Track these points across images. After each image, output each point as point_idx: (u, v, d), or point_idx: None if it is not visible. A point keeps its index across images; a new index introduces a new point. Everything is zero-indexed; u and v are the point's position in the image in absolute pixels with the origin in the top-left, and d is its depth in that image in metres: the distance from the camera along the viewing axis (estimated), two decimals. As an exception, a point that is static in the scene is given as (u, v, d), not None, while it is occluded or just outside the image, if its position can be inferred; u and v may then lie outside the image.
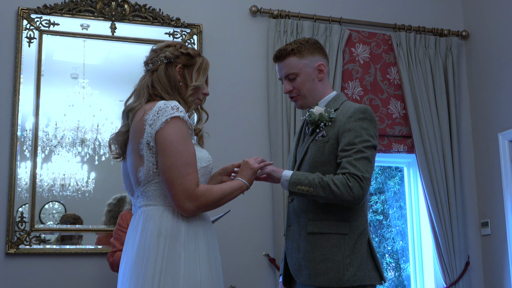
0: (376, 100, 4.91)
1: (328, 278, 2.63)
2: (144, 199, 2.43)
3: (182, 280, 2.30)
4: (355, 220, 2.71)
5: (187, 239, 2.36)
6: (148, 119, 2.37)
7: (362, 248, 2.69)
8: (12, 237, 4.00)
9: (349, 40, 4.93)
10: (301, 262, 2.72)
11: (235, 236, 4.41)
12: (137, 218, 2.43)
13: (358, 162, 2.62)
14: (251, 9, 4.76)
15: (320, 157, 2.73)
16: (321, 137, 2.75)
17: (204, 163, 2.48)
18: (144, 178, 2.40)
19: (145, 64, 2.59)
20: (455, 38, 5.19)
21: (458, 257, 4.78)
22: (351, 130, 2.68)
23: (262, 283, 4.42)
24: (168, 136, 2.34)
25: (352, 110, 2.73)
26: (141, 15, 4.50)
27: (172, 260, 2.31)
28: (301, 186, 2.64)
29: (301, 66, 2.84)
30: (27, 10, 4.26)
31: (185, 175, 2.32)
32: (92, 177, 4.30)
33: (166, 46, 2.58)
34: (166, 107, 2.37)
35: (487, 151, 5.00)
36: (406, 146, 4.95)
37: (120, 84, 4.46)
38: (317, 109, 2.79)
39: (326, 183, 2.60)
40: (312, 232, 2.71)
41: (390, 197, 6.92)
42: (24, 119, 4.15)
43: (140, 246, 2.34)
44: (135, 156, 2.41)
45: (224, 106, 4.54)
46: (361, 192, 2.60)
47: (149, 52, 2.60)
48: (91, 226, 4.22)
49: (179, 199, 2.33)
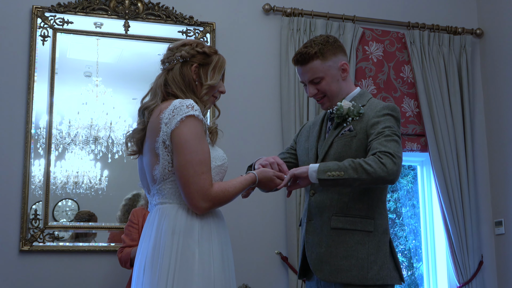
0: (390, 99, 4.89)
1: (351, 275, 2.61)
2: (159, 197, 2.44)
3: (196, 278, 2.30)
4: (379, 218, 2.69)
5: (201, 237, 2.37)
6: (164, 118, 2.38)
7: (385, 247, 2.67)
8: (26, 234, 4.02)
9: (363, 38, 4.91)
10: (322, 257, 2.68)
11: (247, 234, 4.41)
12: (153, 216, 2.44)
13: (389, 143, 2.59)
14: (264, 7, 4.75)
15: (347, 151, 2.69)
16: (348, 131, 2.71)
17: (219, 161, 2.49)
18: (160, 176, 2.40)
19: (161, 63, 2.58)
20: (469, 36, 5.15)
21: (472, 256, 4.75)
22: (380, 123, 2.66)
23: (274, 281, 4.42)
24: (183, 134, 2.34)
25: (381, 106, 2.72)
26: (155, 13, 4.51)
27: (186, 258, 2.32)
28: (331, 172, 2.54)
29: (325, 69, 2.78)
30: (41, 8, 4.28)
31: (200, 174, 2.33)
32: (105, 175, 4.32)
33: (182, 45, 2.57)
34: (181, 105, 2.38)
35: (501, 149, 4.97)
36: (419, 145, 4.93)
37: (133, 82, 4.48)
38: (346, 103, 2.75)
39: (358, 163, 2.53)
40: (336, 228, 2.67)
41: (403, 196, 6.89)
42: (38, 117, 4.18)
43: (155, 244, 2.35)
44: (151, 154, 2.43)
45: (237, 104, 4.54)
46: (394, 167, 2.53)
47: (166, 51, 2.59)
48: (104, 223, 4.24)
49: (193, 197, 2.33)
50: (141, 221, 3.73)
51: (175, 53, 2.54)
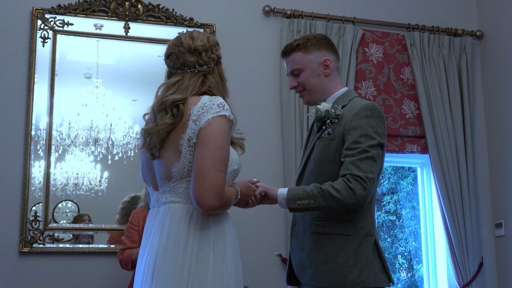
0: (390, 100, 4.89)
1: (331, 280, 2.60)
2: (171, 196, 2.36)
3: (210, 281, 2.26)
4: (361, 221, 2.66)
5: (215, 240, 2.33)
6: (192, 115, 2.31)
7: (367, 250, 2.63)
8: (26, 236, 4.02)
9: (363, 40, 4.91)
10: (304, 262, 2.69)
11: (247, 236, 4.41)
12: (163, 215, 2.36)
13: (362, 163, 2.55)
14: (264, 9, 4.76)
15: (326, 155, 2.68)
16: (327, 134, 2.70)
17: (236, 165, 2.43)
18: (178, 175, 2.32)
19: (188, 66, 2.45)
20: (469, 38, 5.16)
21: (472, 258, 4.75)
22: (357, 128, 2.61)
23: (274, 283, 4.41)
24: (211, 130, 2.27)
25: (359, 107, 2.66)
26: (155, 15, 4.51)
27: (202, 261, 2.27)
28: (300, 200, 2.57)
29: (306, 62, 2.80)
30: (41, 10, 4.28)
31: (219, 171, 2.24)
32: (105, 177, 4.32)
33: (209, 44, 2.48)
34: (212, 104, 2.32)
35: (501, 151, 4.97)
36: (419, 147, 4.93)
37: (134, 84, 4.48)
38: (324, 106, 2.73)
39: (326, 190, 2.54)
40: (316, 232, 2.67)
41: (403, 198, 6.89)
42: (38, 118, 4.17)
43: (167, 244, 2.29)
44: (172, 150, 2.34)
45: (237, 106, 4.47)
46: (364, 193, 2.53)
47: (190, 52, 2.46)
48: (104, 225, 4.23)
49: (205, 192, 2.22)
50: (142, 223, 3.72)
51: (210, 55, 2.47)
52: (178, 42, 2.48)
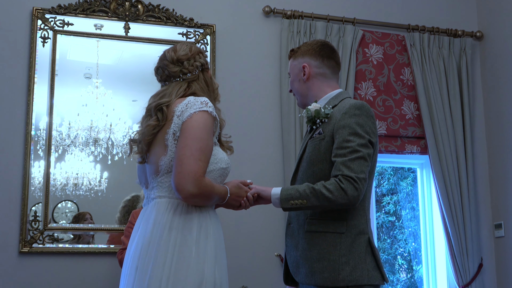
0: (390, 101, 4.89)
1: (324, 277, 2.62)
2: (158, 190, 2.46)
3: (190, 275, 2.32)
4: (353, 219, 2.68)
5: (198, 235, 2.39)
6: (177, 111, 2.43)
7: (360, 248, 2.65)
8: (25, 236, 4.02)
9: (363, 41, 4.91)
10: (298, 260, 2.72)
11: (247, 236, 4.41)
12: (150, 210, 2.45)
13: (353, 163, 2.58)
14: (264, 10, 4.76)
15: (317, 154, 2.71)
16: (318, 134, 2.74)
17: (224, 164, 2.51)
18: (164, 168, 2.43)
19: (172, 77, 2.60)
20: (469, 39, 5.16)
21: (471, 259, 4.75)
22: (346, 127, 2.64)
23: (274, 283, 4.41)
24: (192, 122, 2.38)
25: (348, 106, 2.70)
26: (155, 15, 4.51)
27: (184, 255, 2.34)
28: (294, 200, 2.62)
29: (292, 67, 2.95)
30: (41, 10, 4.28)
31: (197, 159, 2.33)
32: (105, 177, 4.32)
33: (190, 53, 2.61)
34: (195, 101, 2.44)
35: (501, 152, 4.97)
36: (419, 147, 4.93)
37: (133, 84, 4.49)
38: (314, 106, 2.78)
39: (319, 190, 2.58)
40: (309, 231, 2.70)
41: (403, 198, 6.89)
42: (38, 118, 4.18)
43: (152, 238, 2.36)
44: (159, 146, 2.46)
45: (237, 106, 4.54)
46: (355, 193, 2.56)
47: (174, 62, 2.60)
48: (104, 225, 4.24)
49: (183, 178, 2.31)
50: (141, 223, 3.73)
51: (193, 63, 2.60)
52: (162, 56, 2.65)
